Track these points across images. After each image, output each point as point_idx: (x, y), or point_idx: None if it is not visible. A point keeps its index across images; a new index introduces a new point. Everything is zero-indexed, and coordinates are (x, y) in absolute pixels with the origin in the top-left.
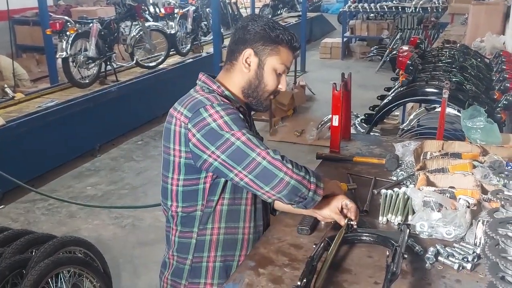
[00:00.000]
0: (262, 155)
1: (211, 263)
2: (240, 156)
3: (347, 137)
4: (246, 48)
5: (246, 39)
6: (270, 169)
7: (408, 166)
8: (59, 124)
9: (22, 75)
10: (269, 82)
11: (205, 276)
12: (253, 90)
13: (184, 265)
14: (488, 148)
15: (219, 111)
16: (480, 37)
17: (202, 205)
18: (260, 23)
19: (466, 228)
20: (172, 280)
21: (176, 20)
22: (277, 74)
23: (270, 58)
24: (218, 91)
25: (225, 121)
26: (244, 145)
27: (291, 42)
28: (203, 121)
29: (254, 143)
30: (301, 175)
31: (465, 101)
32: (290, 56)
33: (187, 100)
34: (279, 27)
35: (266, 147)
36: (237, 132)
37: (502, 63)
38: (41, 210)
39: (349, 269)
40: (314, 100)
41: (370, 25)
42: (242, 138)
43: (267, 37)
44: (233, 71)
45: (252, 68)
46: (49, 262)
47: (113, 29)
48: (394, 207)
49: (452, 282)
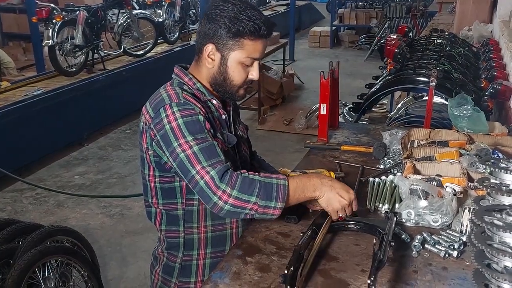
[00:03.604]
0: (201, 174)
1: (201, 261)
2: (183, 169)
3: (335, 126)
4: (207, 43)
5: (207, 33)
6: (206, 191)
7: (395, 154)
8: (46, 113)
9: (8, 63)
10: (235, 77)
11: (196, 275)
12: (220, 85)
13: (174, 263)
14: (474, 136)
15: (175, 112)
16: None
17: (182, 203)
18: (223, 14)
19: (452, 216)
20: (163, 277)
21: (164, 8)
22: (245, 66)
23: (233, 53)
24: (189, 84)
25: (178, 124)
26: (187, 159)
27: (256, 32)
28: (160, 123)
29: (198, 158)
30: (243, 199)
31: (452, 90)
32: (258, 45)
33: (154, 97)
34: (243, 17)
35: (214, 163)
36: (185, 144)
37: (489, 51)
38: (29, 199)
39: (336, 257)
40: (303, 89)
41: (358, 13)
42: (187, 151)
43: (227, 30)
44: (200, 65)
45: (215, 64)
46: (36, 251)
47: (100, 17)
48: (382, 195)
49: (439, 269)
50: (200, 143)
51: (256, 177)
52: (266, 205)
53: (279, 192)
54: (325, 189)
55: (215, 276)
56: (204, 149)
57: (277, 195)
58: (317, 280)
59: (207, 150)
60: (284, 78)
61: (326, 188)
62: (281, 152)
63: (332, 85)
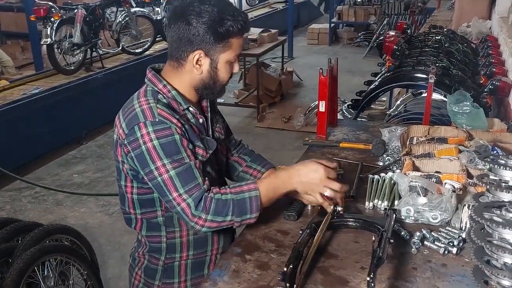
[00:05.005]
0: (177, 201)
1: (183, 261)
2: (161, 191)
3: (334, 123)
4: (194, 50)
5: (191, 40)
6: (183, 216)
7: (394, 151)
8: (45, 112)
9: (7, 62)
10: (224, 77)
11: (178, 275)
12: (208, 88)
13: (156, 266)
14: (473, 133)
15: (150, 133)
16: (466, 22)
17: (162, 211)
18: (206, 18)
19: (451, 212)
20: (145, 279)
21: (162, 6)
22: (231, 63)
23: (223, 55)
24: (164, 91)
25: (154, 146)
26: (163, 184)
27: (243, 30)
28: (136, 142)
29: (175, 184)
30: (218, 220)
31: (451, 86)
32: (241, 41)
33: (127, 109)
34: (227, 16)
35: (190, 188)
36: (162, 167)
37: (488, 48)
38: (28, 198)
39: (336, 254)
40: (302, 86)
41: (357, 10)
42: (164, 175)
43: (216, 34)
44: (182, 71)
45: (204, 69)
46: (35, 250)
47: (98, 15)
48: (381, 192)
49: (438, 266)
50: (177, 166)
51: (229, 196)
52: (242, 219)
53: (252, 205)
54: (294, 179)
55: (214, 274)
56: (181, 173)
57: (251, 208)
58: (317, 278)
59: (184, 174)
60: (283, 75)
61: (294, 178)
62: (280, 150)
63: (331, 82)
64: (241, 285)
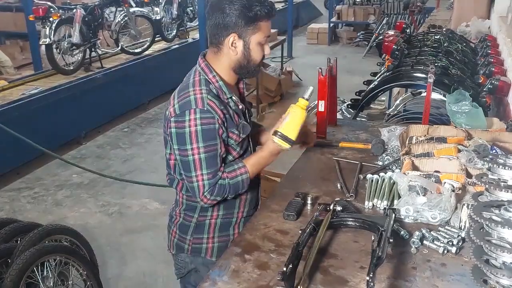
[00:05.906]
0: (198, 178)
1: (213, 220)
2: (186, 167)
3: (333, 123)
4: (229, 34)
5: (227, 24)
6: (195, 191)
7: (393, 151)
8: (44, 112)
9: (6, 62)
10: (256, 57)
11: (208, 232)
12: (244, 68)
13: (190, 222)
14: (473, 132)
15: (196, 119)
16: (465, 21)
17: None
18: (237, 5)
19: (451, 212)
20: (179, 235)
21: (161, 6)
22: (261, 45)
23: (253, 36)
24: (213, 81)
25: (197, 130)
26: (193, 163)
27: (269, 14)
28: (182, 123)
29: (201, 165)
30: (218, 199)
31: (450, 86)
32: (269, 24)
33: (183, 94)
34: (255, 3)
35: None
36: (196, 149)
37: (487, 47)
38: (27, 198)
39: (335, 254)
40: (301, 86)
41: (356, 10)
42: (195, 156)
43: (247, 18)
44: (221, 55)
45: (239, 51)
46: (34, 250)
47: (97, 15)
48: (380, 191)
49: (437, 265)
50: (208, 151)
51: (226, 182)
52: (236, 194)
53: (244, 184)
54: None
55: (214, 274)
56: (208, 158)
57: (242, 186)
58: (316, 277)
59: (210, 159)
60: (282, 75)
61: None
62: None
63: (330, 82)
64: (241, 285)
